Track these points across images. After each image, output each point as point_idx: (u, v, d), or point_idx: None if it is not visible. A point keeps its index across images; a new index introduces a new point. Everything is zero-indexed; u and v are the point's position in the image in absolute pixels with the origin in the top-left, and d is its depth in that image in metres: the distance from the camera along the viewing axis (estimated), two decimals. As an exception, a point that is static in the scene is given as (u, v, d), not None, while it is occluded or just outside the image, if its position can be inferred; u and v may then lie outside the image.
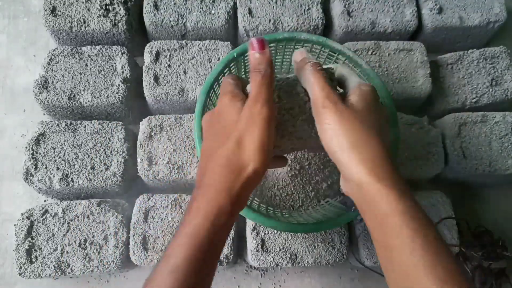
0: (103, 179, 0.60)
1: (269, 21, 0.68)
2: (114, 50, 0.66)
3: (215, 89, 0.53)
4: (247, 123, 0.35)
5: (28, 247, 0.56)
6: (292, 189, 0.59)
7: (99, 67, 0.65)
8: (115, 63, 0.65)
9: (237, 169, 0.35)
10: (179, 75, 0.65)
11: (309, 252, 0.58)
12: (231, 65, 0.54)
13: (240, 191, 0.35)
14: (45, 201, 0.66)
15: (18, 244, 0.57)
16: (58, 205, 0.59)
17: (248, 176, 0.35)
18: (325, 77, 0.38)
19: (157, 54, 0.65)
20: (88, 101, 0.63)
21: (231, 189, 0.34)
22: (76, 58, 0.65)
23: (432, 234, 0.32)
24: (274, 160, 0.45)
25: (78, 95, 0.63)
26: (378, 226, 0.34)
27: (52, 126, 0.62)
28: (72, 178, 0.59)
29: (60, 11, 0.66)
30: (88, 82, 0.64)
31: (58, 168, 0.60)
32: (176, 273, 0.33)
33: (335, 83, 0.42)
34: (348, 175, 0.35)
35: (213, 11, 0.68)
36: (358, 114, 0.36)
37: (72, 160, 0.60)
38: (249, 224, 0.59)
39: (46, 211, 0.58)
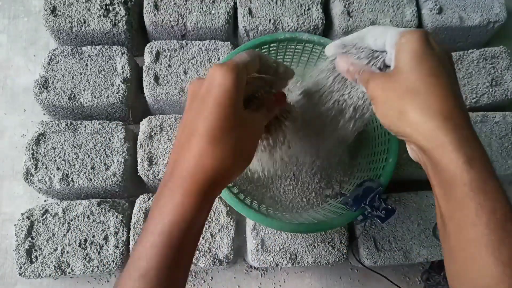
0: (103, 179, 0.60)
1: (269, 21, 0.68)
2: (114, 50, 0.66)
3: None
4: (247, 126, 0.33)
5: (28, 247, 0.56)
6: (293, 189, 0.59)
7: (99, 67, 0.65)
8: (115, 63, 0.65)
9: (213, 167, 0.31)
10: (179, 75, 0.65)
11: (309, 252, 0.58)
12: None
13: (214, 188, 0.32)
14: (45, 201, 0.66)
15: (18, 244, 0.57)
16: (58, 205, 0.59)
17: (222, 177, 0.32)
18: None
19: (157, 54, 0.65)
20: (88, 101, 0.63)
21: (205, 185, 0.31)
22: (76, 58, 0.65)
23: (501, 211, 0.28)
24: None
25: (78, 95, 0.63)
26: (443, 195, 0.31)
27: (52, 126, 0.62)
28: (72, 178, 0.59)
29: (60, 11, 0.66)
30: (88, 82, 0.64)
31: (58, 168, 0.60)
32: (148, 277, 0.30)
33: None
34: (410, 141, 0.33)
35: (213, 11, 0.68)
36: (403, 76, 0.32)
37: (72, 160, 0.60)
38: (249, 224, 0.59)
39: (46, 211, 0.58)
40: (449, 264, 0.32)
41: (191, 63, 0.66)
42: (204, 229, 0.58)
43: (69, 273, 0.56)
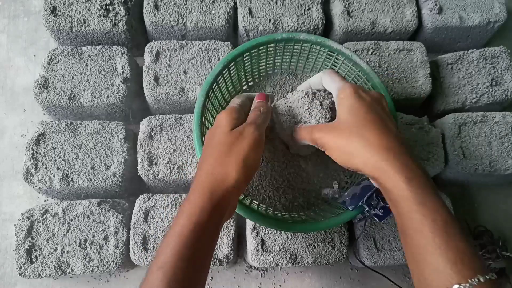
0: (103, 179, 0.60)
1: (269, 21, 0.68)
2: (114, 50, 0.66)
3: (214, 90, 0.53)
4: (238, 140, 0.40)
5: (28, 247, 0.56)
6: (292, 189, 0.59)
7: (99, 67, 0.65)
8: (115, 63, 0.65)
9: (220, 178, 0.39)
10: (179, 75, 0.65)
11: (309, 252, 0.58)
12: (230, 66, 0.54)
13: (222, 196, 0.38)
14: (45, 201, 0.67)
15: (18, 244, 0.57)
16: (58, 205, 0.59)
17: (229, 185, 0.39)
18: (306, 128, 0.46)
19: (157, 54, 0.65)
20: (88, 101, 0.63)
21: (213, 194, 0.38)
22: (76, 58, 0.65)
23: (441, 218, 0.33)
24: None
25: (78, 95, 0.63)
26: (395, 213, 0.37)
27: (52, 126, 0.62)
28: (72, 178, 0.60)
29: (60, 11, 0.66)
30: (88, 82, 0.64)
31: (58, 168, 0.60)
32: (164, 268, 0.35)
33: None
34: (363, 173, 0.40)
35: (213, 11, 0.68)
36: (345, 125, 0.41)
37: (72, 160, 0.60)
38: (249, 224, 0.59)
39: (46, 211, 0.59)
40: (412, 273, 0.36)
41: (191, 63, 0.66)
42: (204, 229, 0.58)
43: (69, 273, 0.56)
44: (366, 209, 0.48)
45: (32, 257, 0.57)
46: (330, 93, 0.49)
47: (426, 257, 0.33)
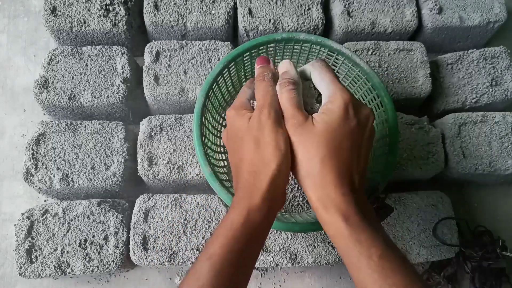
0: (103, 179, 0.60)
1: (269, 21, 0.68)
2: (114, 50, 0.66)
3: (214, 90, 0.53)
4: (260, 129, 0.39)
5: (28, 247, 0.57)
6: (292, 189, 0.59)
7: (99, 67, 0.65)
8: (115, 63, 0.65)
9: (261, 171, 0.38)
10: (179, 75, 0.65)
11: (309, 252, 0.58)
12: (230, 66, 0.54)
13: (269, 188, 0.38)
14: (45, 201, 0.67)
15: (18, 244, 0.57)
16: (58, 205, 0.59)
17: (273, 174, 0.38)
18: (295, 97, 0.40)
19: (157, 54, 0.65)
20: (88, 101, 0.63)
21: (260, 188, 0.38)
22: (76, 58, 0.65)
23: (376, 254, 0.35)
24: None
25: (78, 95, 0.63)
26: (336, 247, 0.38)
27: (52, 126, 0.62)
28: (72, 178, 0.60)
29: (60, 11, 0.67)
30: (88, 82, 0.64)
31: (58, 168, 0.60)
32: (212, 260, 0.35)
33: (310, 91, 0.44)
34: (309, 200, 0.39)
35: (213, 11, 0.68)
36: (318, 137, 0.38)
37: (72, 160, 0.60)
38: (249, 224, 0.59)
39: (46, 211, 0.59)
40: None
41: (191, 63, 0.66)
42: (204, 228, 0.58)
43: (69, 273, 0.56)
44: (366, 209, 0.48)
45: (32, 257, 0.57)
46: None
47: None
